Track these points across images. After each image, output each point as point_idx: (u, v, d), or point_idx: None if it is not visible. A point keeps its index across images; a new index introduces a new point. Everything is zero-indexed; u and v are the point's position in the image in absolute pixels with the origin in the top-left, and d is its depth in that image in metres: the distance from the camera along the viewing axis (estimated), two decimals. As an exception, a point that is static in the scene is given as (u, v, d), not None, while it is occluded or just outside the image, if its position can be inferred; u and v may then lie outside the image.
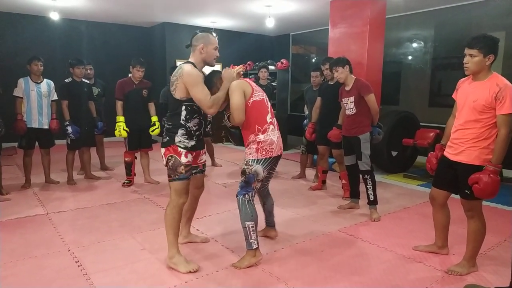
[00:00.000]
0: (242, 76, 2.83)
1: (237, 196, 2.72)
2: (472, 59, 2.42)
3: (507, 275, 2.29)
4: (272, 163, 2.72)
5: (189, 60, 2.64)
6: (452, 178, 2.63)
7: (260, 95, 2.72)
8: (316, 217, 3.82)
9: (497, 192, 2.35)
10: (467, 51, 2.44)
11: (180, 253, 2.67)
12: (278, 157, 2.74)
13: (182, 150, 2.59)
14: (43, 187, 4.77)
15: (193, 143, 2.64)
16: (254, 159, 2.64)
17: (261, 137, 2.64)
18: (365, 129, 3.70)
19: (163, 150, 2.63)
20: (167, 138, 2.61)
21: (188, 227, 3.08)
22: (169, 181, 2.63)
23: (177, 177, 2.59)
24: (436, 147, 2.86)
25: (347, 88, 3.75)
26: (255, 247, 2.69)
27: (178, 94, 2.54)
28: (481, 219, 2.59)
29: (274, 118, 2.78)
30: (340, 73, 3.69)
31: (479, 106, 2.41)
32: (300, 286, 2.48)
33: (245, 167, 2.67)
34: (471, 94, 2.47)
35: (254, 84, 2.77)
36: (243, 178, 2.68)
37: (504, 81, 2.38)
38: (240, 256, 2.86)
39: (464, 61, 2.48)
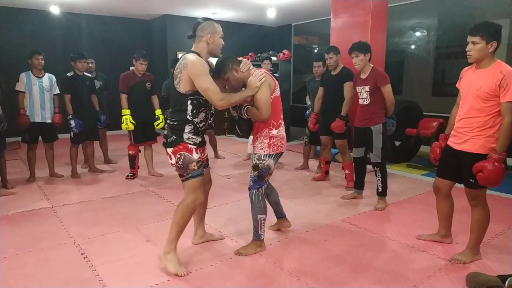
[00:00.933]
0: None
1: (249, 190, 2.72)
2: (474, 46, 2.39)
3: (511, 263, 2.29)
4: (279, 157, 2.74)
5: (193, 50, 2.47)
6: (456, 167, 2.62)
7: (278, 90, 2.69)
8: (319, 207, 3.83)
9: (501, 180, 2.34)
10: (469, 38, 2.42)
11: (176, 252, 2.55)
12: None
13: (192, 146, 2.46)
14: (48, 180, 4.80)
15: (200, 139, 2.53)
16: (266, 154, 2.64)
17: (274, 132, 2.65)
18: (378, 120, 3.60)
19: (170, 149, 2.47)
20: (174, 137, 2.44)
21: (203, 226, 2.95)
22: (183, 181, 2.50)
23: (190, 174, 2.46)
24: (440, 137, 2.84)
25: (363, 76, 3.64)
26: (262, 238, 2.78)
27: (183, 87, 2.37)
28: (485, 208, 2.58)
29: None
30: (360, 60, 3.56)
31: (483, 94, 2.39)
32: (304, 275, 2.49)
33: (257, 162, 2.65)
34: (474, 82, 2.45)
35: (274, 78, 2.72)
36: (256, 172, 2.66)
37: (508, 68, 2.35)
38: (244, 247, 2.89)
39: (466, 49, 2.45)
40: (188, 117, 2.43)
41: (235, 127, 2.88)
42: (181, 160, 2.45)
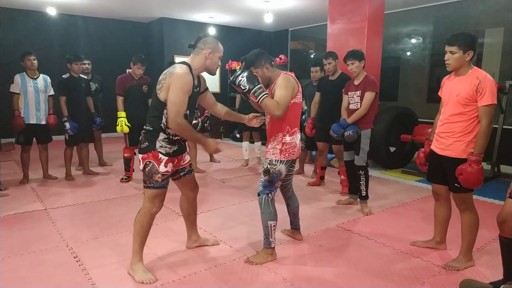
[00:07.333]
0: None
1: (259, 195, 2.68)
2: (452, 55, 2.52)
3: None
4: (291, 163, 2.74)
5: (187, 62, 2.41)
6: (442, 171, 2.69)
7: (300, 97, 2.66)
8: (314, 212, 3.83)
9: (481, 181, 2.44)
10: (447, 48, 2.54)
11: (142, 262, 2.51)
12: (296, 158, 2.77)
13: (163, 157, 2.39)
14: (41, 182, 4.77)
15: (175, 148, 2.46)
16: (278, 160, 2.62)
17: (287, 139, 2.62)
18: (367, 125, 3.70)
19: (141, 155, 2.42)
20: (146, 143, 2.39)
21: (196, 230, 2.93)
22: (144, 187, 2.46)
23: (151, 185, 2.40)
24: (425, 143, 2.93)
25: (356, 83, 3.74)
26: (273, 246, 2.72)
27: (163, 95, 2.31)
28: (473, 211, 2.64)
29: None
30: (356, 67, 3.65)
31: (462, 99, 2.49)
32: (298, 280, 2.49)
33: (268, 166, 2.62)
34: (454, 89, 2.56)
35: (299, 85, 2.68)
36: (266, 177, 2.63)
37: (483, 74, 2.47)
38: (238, 251, 2.88)
39: (445, 58, 2.57)
40: (162, 125, 2.38)
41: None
42: (148, 168, 2.39)
